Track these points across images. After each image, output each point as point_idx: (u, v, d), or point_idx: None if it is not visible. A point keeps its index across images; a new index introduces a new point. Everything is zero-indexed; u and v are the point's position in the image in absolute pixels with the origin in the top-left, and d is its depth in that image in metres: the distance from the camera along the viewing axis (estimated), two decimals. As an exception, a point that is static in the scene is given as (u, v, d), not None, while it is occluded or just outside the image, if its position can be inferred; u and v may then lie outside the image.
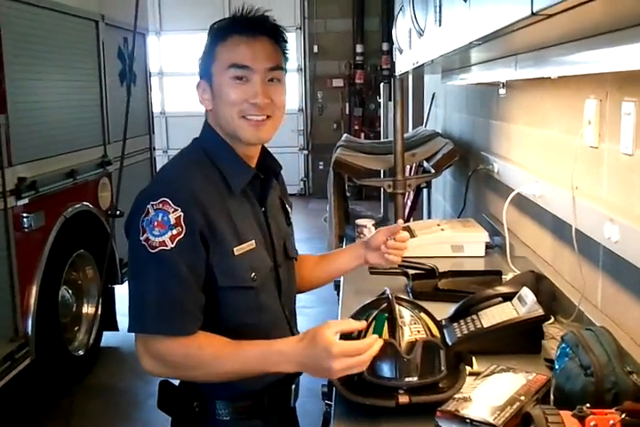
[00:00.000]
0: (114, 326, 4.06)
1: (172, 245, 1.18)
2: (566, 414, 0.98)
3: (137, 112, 4.34)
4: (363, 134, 8.56)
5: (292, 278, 1.45)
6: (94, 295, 3.89)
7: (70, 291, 3.70)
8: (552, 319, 1.69)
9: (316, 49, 8.66)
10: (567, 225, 1.69)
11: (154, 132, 4.87)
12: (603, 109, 1.52)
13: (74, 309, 3.75)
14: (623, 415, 0.97)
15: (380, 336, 1.25)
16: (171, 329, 1.19)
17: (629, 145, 1.36)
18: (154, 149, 4.87)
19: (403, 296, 1.43)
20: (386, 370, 1.24)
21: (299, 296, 1.52)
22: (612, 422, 0.96)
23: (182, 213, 1.18)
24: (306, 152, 9.05)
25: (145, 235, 1.19)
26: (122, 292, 4.27)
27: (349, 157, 2.73)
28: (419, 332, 1.30)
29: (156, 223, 1.17)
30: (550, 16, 0.74)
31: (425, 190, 4.58)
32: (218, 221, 1.23)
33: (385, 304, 1.35)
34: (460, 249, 2.41)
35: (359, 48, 8.53)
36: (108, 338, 4.08)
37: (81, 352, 3.65)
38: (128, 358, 4.13)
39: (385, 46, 8.37)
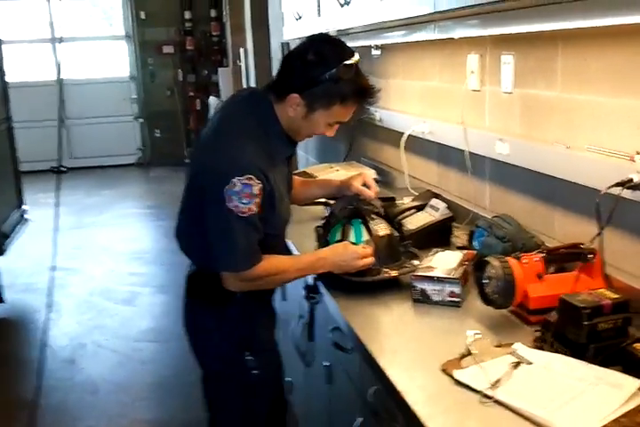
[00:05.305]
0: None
1: (256, 210, 1.58)
2: (508, 258, 1.50)
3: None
4: (198, 100, 8.75)
5: None
6: (-20, 267, 3.89)
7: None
8: (450, 224, 2.25)
9: (143, 15, 8.60)
10: (455, 152, 2.24)
11: (9, 102, 4.78)
12: (483, 62, 2.06)
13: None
14: (543, 254, 1.52)
15: (361, 235, 1.73)
16: (255, 261, 1.63)
17: (509, 85, 1.91)
18: (10, 118, 4.78)
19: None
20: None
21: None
22: (536, 258, 1.50)
23: (261, 185, 1.58)
24: (142, 120, 8.99)
25: (233, 202, 1.56)
26: (5, 264, 4.26)
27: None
28: (385, 228, 1.78)
29: (243, 194, 1.56)
30: None
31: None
32: (274, 187, 1.63)
33: (349, 213, 1.81)
34: (353, 185, 2.91)
35: (187, 14, 8.61)
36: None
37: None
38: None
39: (213, 13, 8.56)
